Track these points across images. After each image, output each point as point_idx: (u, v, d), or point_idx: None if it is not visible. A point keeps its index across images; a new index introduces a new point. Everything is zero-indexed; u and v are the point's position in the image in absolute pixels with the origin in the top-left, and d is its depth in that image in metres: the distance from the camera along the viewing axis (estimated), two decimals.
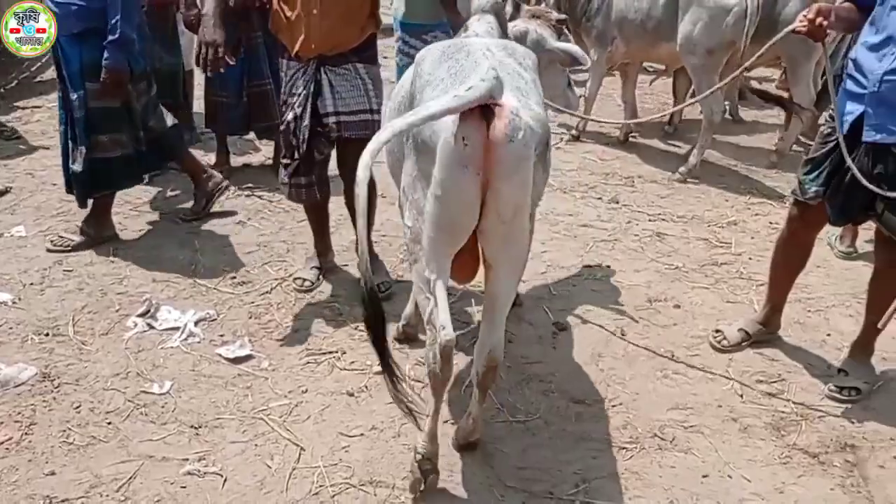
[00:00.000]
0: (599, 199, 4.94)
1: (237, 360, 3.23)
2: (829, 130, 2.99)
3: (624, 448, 2.82)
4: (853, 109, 2.83)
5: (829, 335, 3.55)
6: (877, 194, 2.81)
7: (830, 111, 3.04)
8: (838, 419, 3.01)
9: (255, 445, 2.78)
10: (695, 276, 4.04)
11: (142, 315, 3.48)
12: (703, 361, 3.33)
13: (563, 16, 3.67)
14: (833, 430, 2.95)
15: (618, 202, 4.89)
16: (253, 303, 3.65)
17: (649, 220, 4.68)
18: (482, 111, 2.22)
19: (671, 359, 3.34)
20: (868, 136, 2.78)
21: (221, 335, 3.40)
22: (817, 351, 3.43)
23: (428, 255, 2.41)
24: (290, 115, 3.38)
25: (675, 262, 4.17)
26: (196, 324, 3.44)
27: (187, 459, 2.70)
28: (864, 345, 3.19)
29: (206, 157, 5.27)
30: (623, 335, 3.50)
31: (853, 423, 2.99)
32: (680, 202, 4.95)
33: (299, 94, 3.35)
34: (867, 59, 2.78)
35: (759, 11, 4.89)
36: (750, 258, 4.23)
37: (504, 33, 3.11)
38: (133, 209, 4.53)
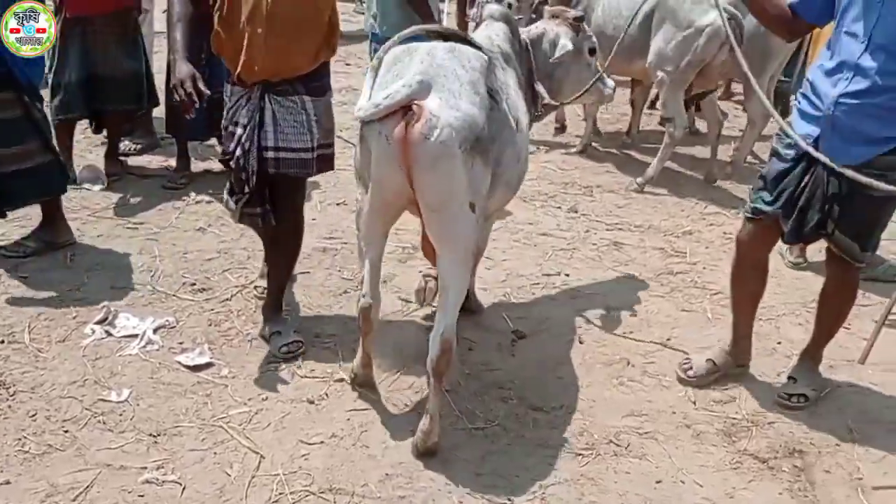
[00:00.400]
0: (559, 208, 5.01)
1: (196, 368, 3.22)
2: (782, 148, 3.00)
3: (580, 454, 2.87)
4: (809, 131, 2.87)
5: (779, 343, 3.65)
6: (829, 215, 2.88)
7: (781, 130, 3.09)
8: (787, 425, 3.10)
9: (215, 453, 2.78)
10: (651, 284, 4.12)
11: (100, 322, 3.45)
12: (657, 369, 3.40)
13: (580, 13, 3.73)
14: (782, 435, 3.03)
15: (576, 211, 4.96)
16: (213, 310, 3.64)
17: (607, 230, 4.75)
18: (405, 111, 2.47)
19: (627, 366, 3.41)
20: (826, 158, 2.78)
21: (181, 342, 3.39)
22: (768, 359, 3.52)
23: (364, 228, 2.88)
24: (238, 151, 3.10)
25: (631, 271, 4.24)
26: (155, 331, 3.42)
27: (145, 468, 2.69)
28: (812, 353, 3.27)
29: (167, 163, 5.24)
30: (581, 343, 3.56)
31: (801, 429, 3.08)
32: (637, 212, 5.04)
33: (244, 126, 3.08)
34: (822, 82, 2.84)
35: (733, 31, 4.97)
36: (704, 268, 4.32)
37: (517, 40, 3.29)
38: (91, 214, 4.48)
